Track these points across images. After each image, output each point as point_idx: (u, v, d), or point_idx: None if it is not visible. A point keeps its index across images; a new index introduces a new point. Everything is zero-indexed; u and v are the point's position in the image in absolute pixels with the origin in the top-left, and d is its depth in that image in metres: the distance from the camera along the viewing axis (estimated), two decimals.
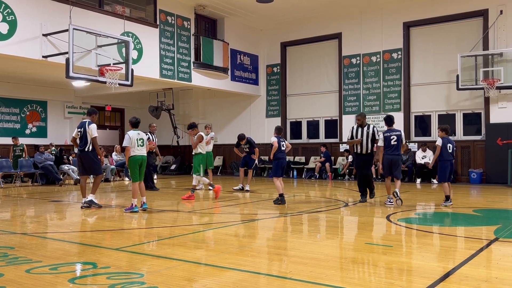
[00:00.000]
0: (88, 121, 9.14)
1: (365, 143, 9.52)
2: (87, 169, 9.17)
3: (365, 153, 9.60)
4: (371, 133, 9.53)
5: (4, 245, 5.61)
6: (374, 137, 9.51)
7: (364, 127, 9.60)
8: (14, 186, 14.53)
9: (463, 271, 4.36)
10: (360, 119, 9.74)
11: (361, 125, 9.63)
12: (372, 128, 9.61)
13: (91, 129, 8.97)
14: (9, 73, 16.08)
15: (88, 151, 9.00)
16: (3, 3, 10.89)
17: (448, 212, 8.65)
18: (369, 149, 9.57)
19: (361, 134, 9.57)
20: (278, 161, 9.52)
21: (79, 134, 9.05)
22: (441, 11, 15.48)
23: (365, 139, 9.52)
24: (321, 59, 18.24)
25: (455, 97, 15.48)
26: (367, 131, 9.55)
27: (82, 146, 9.02)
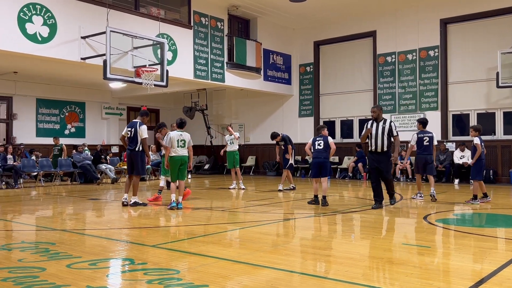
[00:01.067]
0: (139, 121, 9.37)
1: (380, 139, 8.47)
2: (133, 168, 9.37)
3: (380, 151, 8.50)
4: (388, 128, 8.49)
5: (46, 240, 5.80)
6: (392, 133, 8.48)
7: (380, 122, 8.57)
8: (54, 185, 14.98)
9: (504, 273, 4.22)
10: (376, 111, 8.66)
11: (377, 118, 8.61)
12: (389, 123, 8.56)
13: (142, 130, 9.22)
14: (49, 75, 16.61)
15: (138, 151, 9.25)
16: (44, 7, 11.25)
17: (488, 213, 8.40)
18: (385, 146, 8.46)
19: (376, 129, 8.52)
20: (312, 161, 9.38)
21: (128, 133, 9.31)
22: (480, 7, 15.03)
23: (380, 135, 8.47)
24: (355, 57, 18.03)
25: (495, 95, 15.01)
26: (382, 126, 8.51)
27: (133, 145, 9.26)
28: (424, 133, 9.98)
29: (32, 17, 11.03)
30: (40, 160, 15.32)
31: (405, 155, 10.22)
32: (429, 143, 9.89)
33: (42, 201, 10.64)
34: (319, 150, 9.23)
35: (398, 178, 15.88)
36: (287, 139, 12.43)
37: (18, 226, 7.23)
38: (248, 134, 20.32)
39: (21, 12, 10.85)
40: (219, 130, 21.12)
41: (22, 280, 3.99)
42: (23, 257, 4.89)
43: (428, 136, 9.93)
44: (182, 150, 8.86)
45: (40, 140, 18.09)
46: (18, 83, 17.49)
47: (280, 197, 10.96)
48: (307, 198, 10.91)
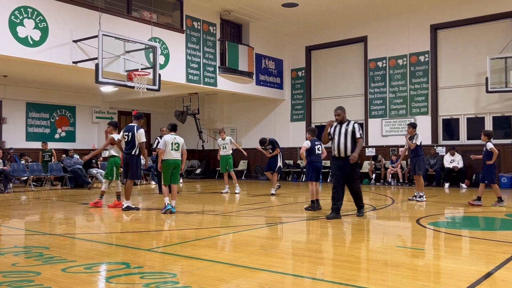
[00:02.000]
0: (136, 125, 9.36)
1: (343, 143, 7.80)
2: (129, 172, 9.32)
3: (344, 156, 7.83)
4: (351, 130, 7.83)
5: (39, 245, 5.75)
6: (355, 135, 7.82)
7: (344, 124, 7.95)
8: (44, 189, 14.85)
9: (499, 274, 4.27)
10: (341, 114, 8.02)
11: (341, 121, 8.00)
12: (352, 125, 7.90)
13: (140, 134, 9.21)
14: (40, 78, 16.49)
15: (135, 155, 9.23)
16: (36, 11, 11.20)
17: (480, 216, 8.49)
18: (348, 150, 7.77)
19: (339, 132, 7.90)
20: (311, 165, 9.27)
21: (126, 137, 9.27)
22: (469, 13, 15.22)
23: (343, 138, 7.81)
24: (347, 62, 18.14)
25: (484, 100, 15.18)
26: (346, 128, 7.87)
27: (129, 149, 9.24)
28: None
29: (23, 20, 10.96)
30: (30, 164, 15.19)
31: (400, 159, 10.54)
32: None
33: (32, 206, 10.54)
34: (319, 154, 9.25)
35: (389, 182, 15.98)
36: (275, 142, 12.54)
37: (9, 230, 7.15)
38: (240, 138, 20.33)
39: (12, 15, 10.78)
40: (211, 134, 21.11)
41: (18, 284, 3.95)
42: (17, 261, 4.85)
43: None
44: (176, 153, 8.87)
45: (30, 144, 17.92)
46: (8, 87, 17.34)
47: (273, 201, 10.97)
48: (299, 202, 10.96)
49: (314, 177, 9.26)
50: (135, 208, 9.32)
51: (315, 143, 9.32)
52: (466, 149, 15.33)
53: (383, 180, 16.22)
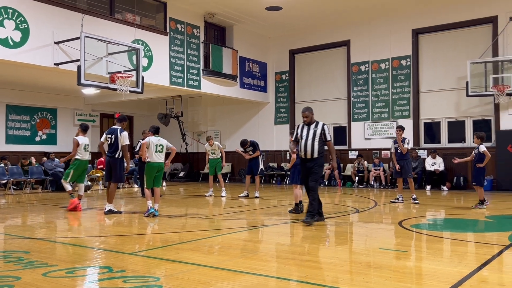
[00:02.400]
0: (120, 128, 9.27)
1: (310, 144, 7.54)
2: (111, 175, 9.23)
3: (310, 157, 7.56)
4: (319, 132, 7.58)
5: (19, 249, 5.65)
6: (325, 137, 7.59)
7: (312, 125, 7.70)
8: (25, 193, 14.61)
9: (480, 275, 4.33)
10: (309, 115, 7.74)
11: (309, 123, 7.74)
12: (321, 126, 7.65)
13: (123, 137, 9.12)
14: (20, 80, 16.24)
15: (118, 158, 9.14)
16: (16, 11, 11.03)
17: (461, 218, 8.61)
18: (315, 152, 7.50)
19: (307, 133, 7.63)
20: (295, 168, 9.14)
21: (108, 140, 9.17)
22: (450, 18, 15.47)
23: (310, 140, 7.56)
24: (330, 66, 18.27)
25: (465, 104, 15.43)
26: (314, 129, 7.62)
27: (112, 152, 9.14)
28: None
29: (3, 21, 10.79)
30: (10, 167, 14.94)
31: (395, 162, 10.72)
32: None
33: (12, 210, 10.36)
34: None
35: (372, 185, 16.11)
36: (256, 144, 12.53)
37: None
38: (224, 141, 20.28)
39: None
40: (195, 137, 21.04)
41: None
42: None
43: None
44: (160, 156, 8.80)
45: (10, 147, 17.63)
46: None
47: (256, 204, 10.96)
48: (283, 205, 10.97)
49: (298, 180, 9.24)
50: (118, 211, 9.23)
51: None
52: (447, 152, 15.55)
53: (366, 182, 16.35)
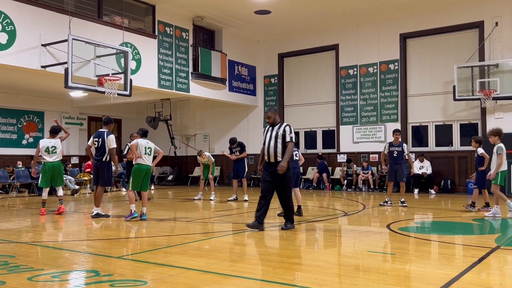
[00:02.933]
0: (107, 131, 9.19)
1: (273, 146, 7.20)
2: (99, 179, 9.14)
3: (273, 161, 7.20)
4: (281, 133, 7.22)
5: (4, 253, 5.56)
6: (285, 138, 7.20)
7: (276, 126, 7.35)
8: (11, 197, 14.43)
9: (466, 278, 4.36)
10: (271, 116, 7.39)
11: (273, 124, 7.39)
12: (283, 127, 7.26)
13: (110, 140, 9.03)
14: (6, 83, 16.06)
15: (105, 161, 9.04)
16: (3, 13, 10.92)
17: (448, 221, 8.67)
18: (278, 155, 7.15)
19: (270, 135, 7.31)
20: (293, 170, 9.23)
21: (96, 143, 9.08)
22: (437, 23, 15.64)
23: (273, 141, 7.23)
24: (318, 70, 18.34)
25: (452, 107, 15.58)
26: (277, 130, 7.26)
27: (100, 156, 9.06)
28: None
29: None
30: None
31: (383, 164, 11.40)
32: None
33: None
34: (297, 160, 9.24)
35: (360, 188, 16.18)
36: (244, 146, 12.62)
37: None
38: (212, 144, 20.25)
39: None
40: (183, 140, 20.97)
41: None
42: None
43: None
44: (149, 158, 8.74)
45: None
46: None
47: (245, 207, 10.94)
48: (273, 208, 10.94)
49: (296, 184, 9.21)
50: (105, 215, 9.14)
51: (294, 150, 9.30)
52: (434, 156, 15.68)
53: (354, 186, 16.41)
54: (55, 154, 9.77)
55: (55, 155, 9.76)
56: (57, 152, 9.79)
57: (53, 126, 10.22)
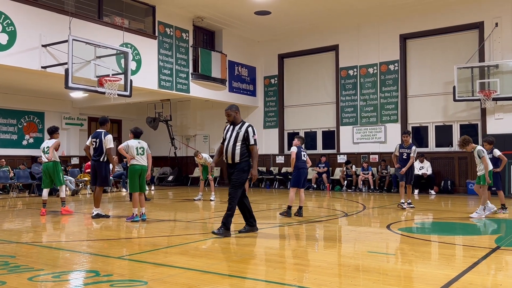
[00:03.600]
0: (104, 131, 9.18)
1: (231, 147, 6.79)
2: (97, 179, 9.13)
3: (231, 162, 6.84)
4: (242, 134, 6.79)
5: (5, 253, 5.57)
6: (248, 140, 6.80)
7: (237, 126, 6.91)
8: (11, 197, 14.43)
9: (467, 278, 4.36)
10: (231, 114, 6.94)
11: (234, 122, 6.95)
12: (245, 128, 6.84)
13: (107, 140, 9.01)
14: (7, 83, 16.07)
15: (103, 161, 9.03)
16: (3, 14, 10.93)
17: (448, 222, 8.67)
18: (236, 156, 6.74)
19: (230, 134, 6.88)
20: (297, 171, 9.17)
21: (94, 143, 9.07)
22: (437, 24, 15.64)
23: (232, 142, 6.81)
24: (318, 70, 18.35)
25: (452, 108, 15.58)
26: (238, 131, 6.84)
27: (97, 156, 9.05)
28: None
29: None
30: None
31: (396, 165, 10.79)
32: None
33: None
34: (304, 160, 9.24)
35: (360, 189, 16.18)
36: None
37: None
38: (212, 145, 20.25)
39: None
40: (183, 141, 20.97)
41: None
42: None
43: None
44: (142, 158, 8.68)
45: None
46: None
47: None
48: (272, 208, 10.97)
49: (298, 183, 9.21)
50: (105, 215, 9.15)
51: (301, 150, 9.33)
52: (434, 156, 15.68)
53: (354, 186, 16.41)
54: (47, 155, 9.77)
55: (47, 155, 9.77)
56: (47, 153, 9.77)
57: (49, 127, 10.23)
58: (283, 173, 18.24)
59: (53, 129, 10.11)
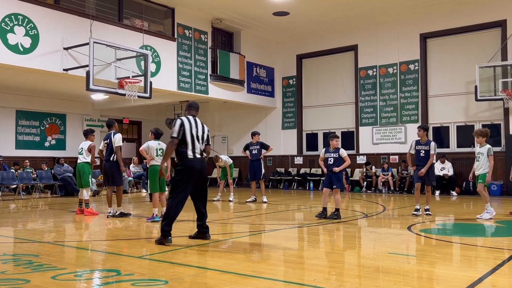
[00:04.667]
0: (113, 131, 9.29)
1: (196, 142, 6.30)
2: (109, 179, 9.25)
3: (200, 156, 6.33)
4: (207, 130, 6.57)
5: (28, 252, 5.68)
6: (208, 140, 6.54)
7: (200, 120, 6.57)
8: (34, 198, 14.70)
9: (490, 280, 4.29)
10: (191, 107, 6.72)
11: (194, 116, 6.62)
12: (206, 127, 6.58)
13: (116, 138, 9.12)
14: (30, 86, 16.39)
15: (113, 161, 9.11)
16: (27, 18, 11.15)
17: (470, 223, 8.53)
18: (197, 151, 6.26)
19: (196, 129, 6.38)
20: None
21: (105, 146, 9.20)
22: (458, 22, 15.41)
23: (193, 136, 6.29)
24: (337, 71, 18.25)
25: (474, 108, 15.34)
26: (202, 126, 6.50)
27: (108, 156, 9.16)
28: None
29: (14, 27, 10.92)
30: (20, 172, 15.06)
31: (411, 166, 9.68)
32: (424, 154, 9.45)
33: (21, 214, 10.43)
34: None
35: (380, 190, 16.03)
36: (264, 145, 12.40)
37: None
38: (231, 146, 20.31)
39: (3, 22, 10.73)
40: None
41: None
42: (6, 269, 4.78)
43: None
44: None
45: (20, 152, 17.77)
46: None
47: (264, 209, 10.94)
48: (290, 210, 10.95)
49: (326, 184, 9.01)
50: (128, 214, 9.27)
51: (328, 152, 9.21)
52: (456, 157, 15.45)
53: (374, 188, 16.28)
54: (81, 155, 9.98)
55: (81, 156, 9.98)
56: (82, 154, 9.99)
57: (84, 129, 10.49)
58: (301, 174, 18.19)
59: (87, 131, 10.34)
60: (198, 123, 6.48)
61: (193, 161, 6.22)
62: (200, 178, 6.33)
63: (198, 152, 6.29)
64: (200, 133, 6.38)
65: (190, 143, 6.24)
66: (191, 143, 6.24)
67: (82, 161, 9.97)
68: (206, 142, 6.51)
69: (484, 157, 8.86)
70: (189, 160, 6.20)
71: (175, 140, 6.19)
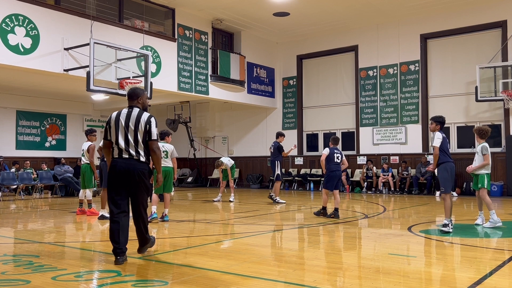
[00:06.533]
0: None
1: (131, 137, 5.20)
2: (103, 179, 9.25)
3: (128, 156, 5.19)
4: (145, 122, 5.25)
5: (29, 253, 5.68)
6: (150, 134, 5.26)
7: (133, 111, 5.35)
8: (34, 198, 14.70)
9: (491, 281, 4.28)
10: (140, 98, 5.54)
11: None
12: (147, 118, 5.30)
13: None
14: (30, 86, 16.39)
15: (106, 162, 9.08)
16: (27, 18, 11.16)
17: (470, 224, 8.53)
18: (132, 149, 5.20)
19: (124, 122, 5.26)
20: (329, 174, 9.09)
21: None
22: (459, 23, 15.42)
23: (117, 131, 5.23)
24: (338, 71, 18.26)
25: (474, 108, 15.34)
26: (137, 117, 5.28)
27: (102, 156, 9.15)
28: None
29: (14, 28, 10.92)
30: (20, 173, 15.06)
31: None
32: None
33: (22, 214, 10.43)
34: (338, 163, 9.13)
35: (380, 190, 16.03)
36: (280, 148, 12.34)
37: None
38: (231, 146, 20.32)
39: (3, 23, 10.74)
40: (203, 142, 21.09)
41: None
42: (6, 269, 4.79)
43: None
44: (165, 161, 8.75)
45: (20, 152, 17.79)
46: None
47: (264, 209, 10.94)
48: (291, 210, 10.95)
49: (329, 186, 9.12)
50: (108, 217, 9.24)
51: (334, 151, 9.22)
52: (456, 158, 15.37)
53: (374, 188, 16.27)
54: (84, 157, 10.00)
55: (84, 157, 10.00)
56: (84, 155, 10.01)
57: (86, 129, 10.48)
58: (301, 174, 18.19)
59: (87, 131, 10.32)
60: (133, 115, 5.27)
61: (116, 162, 5.23)
62: (124, 183, 5.18)
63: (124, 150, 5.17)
64: (131, 127, 5.20)
65: (114, 140, 5.24)
66: (115, 141, 5.23)
67: (85, 162, 9.99)
68: (148, 137, 5.26)
69: (479, 155, 8.76)
70: (113, 160, 5.29)
71: (104, 142, 5.36)
